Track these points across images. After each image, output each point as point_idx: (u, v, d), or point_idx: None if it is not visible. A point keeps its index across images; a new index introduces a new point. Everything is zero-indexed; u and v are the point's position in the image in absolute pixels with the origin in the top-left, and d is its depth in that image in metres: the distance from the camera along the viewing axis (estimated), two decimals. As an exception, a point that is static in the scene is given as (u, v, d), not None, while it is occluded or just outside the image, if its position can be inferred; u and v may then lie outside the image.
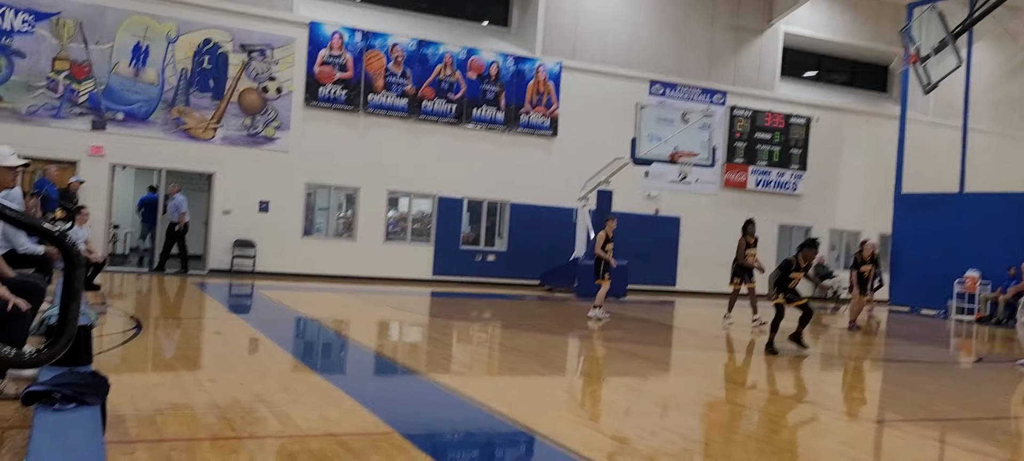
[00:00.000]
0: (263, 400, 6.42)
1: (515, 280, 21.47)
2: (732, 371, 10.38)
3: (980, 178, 21.46)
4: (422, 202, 21.51)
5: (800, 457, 6.09)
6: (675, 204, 23.35)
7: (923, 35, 21.74)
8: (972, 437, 7.01)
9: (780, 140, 24.89)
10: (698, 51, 23.92)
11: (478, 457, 5.66)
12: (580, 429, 6.51)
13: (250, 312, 14.19)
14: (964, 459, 6.22)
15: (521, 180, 21.83)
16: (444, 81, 21.16)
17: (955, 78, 21.30)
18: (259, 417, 5.95)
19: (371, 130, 20.60)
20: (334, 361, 9.68)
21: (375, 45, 20.47)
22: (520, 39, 22.60)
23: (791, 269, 11.02)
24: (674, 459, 5.61)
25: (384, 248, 20.89)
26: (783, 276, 11.01)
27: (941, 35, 21.17)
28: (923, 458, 6.35)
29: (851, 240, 25.60)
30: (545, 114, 22.15)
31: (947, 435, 6.97)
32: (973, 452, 6.42)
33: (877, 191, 24.35)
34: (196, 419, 5.69)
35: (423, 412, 6.81)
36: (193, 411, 5.88)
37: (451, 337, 11.67)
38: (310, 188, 20.34)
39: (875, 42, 25.95)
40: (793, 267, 11.03)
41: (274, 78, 19.55)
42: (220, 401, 6.22)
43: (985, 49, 23.72)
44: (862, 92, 26.91)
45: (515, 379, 8.60)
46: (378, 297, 16.44)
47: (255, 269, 19.24)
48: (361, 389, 7.65)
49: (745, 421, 7.24)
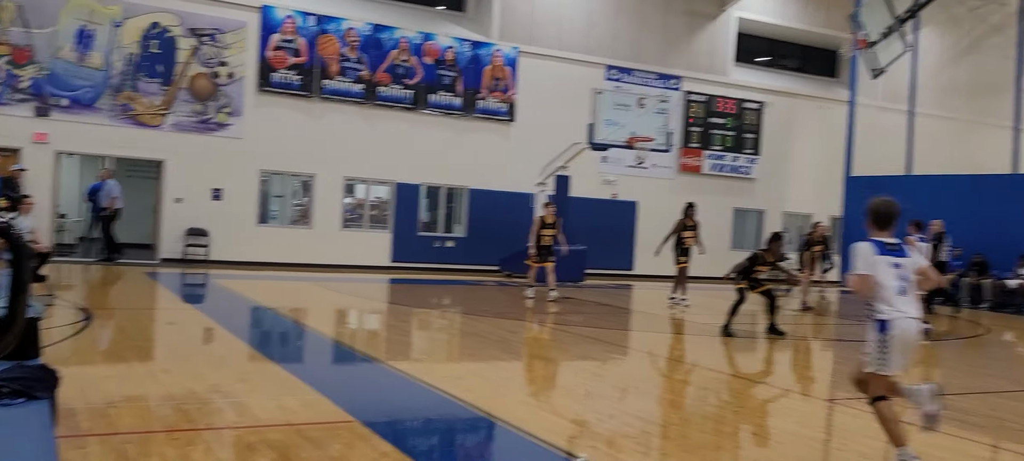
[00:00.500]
0: (219, 391, 6.34)
1: (474, 266, 21.45)
2: (689, 353, 10.51)
3: (927, 161, 22.00)
4: (379, 188, 21.34)
5: (756, 437, 6.20)
6: (632, 189, 23.52)
7: (871, 21, 22.19)
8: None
9: (734, 125, 25.19)
10: (653, 36, 24.06)
11: (439, 444, 5.66)
12: (540, 413, 6.54)
13: (204, 301, 13.97)
14: (910, 434, 6.39)
15: (479, 165, 21.78)
16: (400, 66, 20.98)
17: (902, 63, 21.79)
18: (216, 408, 5.87)
19: (326, 116, 20.36)
20: (292, 350, 9.58)
21: (329, 29, 20.20)
22: (476, 24, 22.50)
23: (758, 262, 11.23)
24: (633, 441, 5.67)
25: (341, 235, 20.71)
26: (749, 267, 11.21)
27: (889, 21, 21.64)
28: (874, 435, 6.51)
29: (803, 223, 26.05)
30: (502, 99, 22.11)
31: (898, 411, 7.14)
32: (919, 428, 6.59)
33: (828, 174, 24.82)
34: (150, 411, 5.59)
35: (383, 400, 6.78)
36: (147, 403, 5.78)
37: (411, 324, 11.64)
38: (264, 175, 20.05)
39: (825, 28, 26.36)
40: (760, 261, 11.24)
41: (225, 63, 19.20)
42: (175, 392, 6.12)
43: (931, 35, 24.26)
44: (813, 77, 27.34)
45: (475, 365, 8.60)
46: (336, 285, 16.31)
47: (209, 258, 18.93)
48: (320, 378, 7.59)
49: (702, 403, 7.35)
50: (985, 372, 10.04)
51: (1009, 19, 22.17)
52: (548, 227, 14.97)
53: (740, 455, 5.53)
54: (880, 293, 5.15)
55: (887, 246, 5.26)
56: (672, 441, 5.81)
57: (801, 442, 5.95)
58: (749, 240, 24.08)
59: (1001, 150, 20.37)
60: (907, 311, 5.16)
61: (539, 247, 14.95)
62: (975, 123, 23.85)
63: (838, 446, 6.13)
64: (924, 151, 22.25)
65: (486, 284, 18.39)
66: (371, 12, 21.00)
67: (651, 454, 5.44)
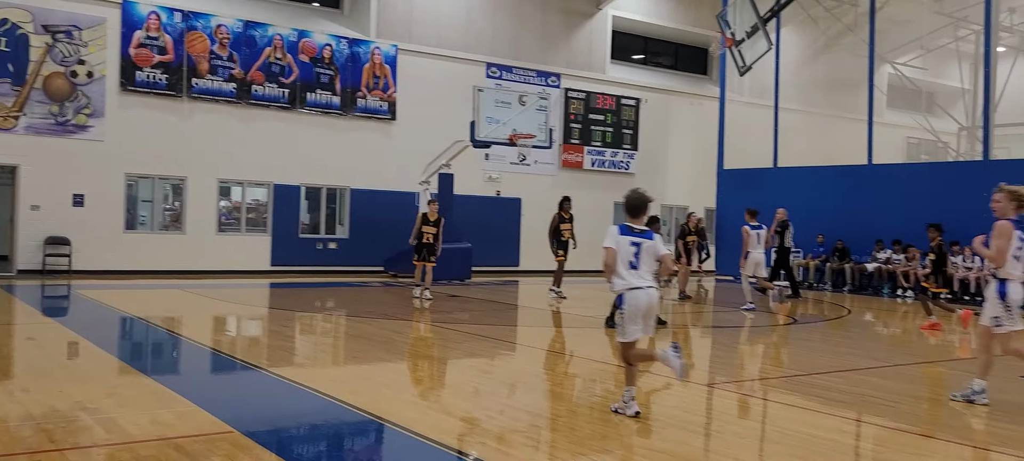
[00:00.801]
0: (86, 408, 5.97)
1: (359, 267, 21.10)
2: (575, 345, 10.68)
3: (791, 153, 23.19)
4: (256, 190, 20.67)
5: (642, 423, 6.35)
6: (515, 185, 23.72)
7: (737, 20, 23.20)
8: (789, 392, 7.58)
9: (612, 121, 25.80)
10: (532, 34, 24.33)
11: (326, 449, 5.51)
12: (429, 413, 6.49)
13: (68, 314, 13.15)
14: (782, 413, 6.71)
15: (361, 165, 21.44)
16: (274, 64, 20.38)
17: (767, 60, 22.88)
18: (82, 426, 5.52)
19: (197, 116, 19.55)
20: (165, 361, 9.14)
21: (197, 26, 19.40)
22: (353, 21, 22.13)
23: None
24: (522, 436, 5.70)
25: (217, 240, 19.93)
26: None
27: (753, 20, 22.66)
28: (748, 415, 6.80)
29: (680, 215, 26.98)
30: (383, 98, 21.83)
31: (768, 393, 7.49)
32: (789, 407, 6.93)
33: (702, 167, 25.79)
34: (9, 433, 5.21)
35: (265, 408, 6.56)
36: (5, 424, 5.37)
37: (293, 329, 11.32)
38: (131, 179, 19.06)
39: (696, 27, 27.37)
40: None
41: (84, 61, 18.13)
42: (36, 412, 5.72)
43: (792, 33, 25.57)
44: (686, 74, 28.35)
45: (361, 367, 8.45)
46: (212, 291, 15.68)
47: (71, 268, 17.84)
48: (197, 389, 7.27)
49: (588, 393, 7.47)
50: (848, 351, 10.66)
51: (861, 19, 23.66)
52: (430, 225, 14.75)
53: (626, 442, 5.65)
54: (618, 268, 6.07)
55: (631, 229, 6.17)
56: (561, 433, 5.88)
57: (682, 426, 6.14)
58: (629, 233, 24.66)
59: (857, 142, 21.71)
60: (639, 284, 6.07)
61: (420, 244, 14.68)
62: (834, 117, 25.32)
63: (717, 428, 6.35)
64: (789, 144, 23.45)
65: (371, 285, 18.13)
66: (242, 8, 20.30)
67: (541, 447, 5.48)
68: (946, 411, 6.90)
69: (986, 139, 19.35)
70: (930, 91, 27.86)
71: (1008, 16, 25.82)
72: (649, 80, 26.94)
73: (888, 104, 28.32)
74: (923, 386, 8.26)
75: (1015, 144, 25.90)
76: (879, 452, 5.74)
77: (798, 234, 21.39)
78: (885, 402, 7.18)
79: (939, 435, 6.13)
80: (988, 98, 19.34)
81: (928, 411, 7.22)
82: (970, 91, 26.64)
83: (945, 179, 19.76)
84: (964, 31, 26.14)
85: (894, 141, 27.90)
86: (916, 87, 26.36)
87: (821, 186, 21.88)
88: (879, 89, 24.83)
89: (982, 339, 6.91)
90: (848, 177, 21.41)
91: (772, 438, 5.86)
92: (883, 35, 23.76)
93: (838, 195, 21.45)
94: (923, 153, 29.20)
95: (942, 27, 25.93)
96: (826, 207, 21.54)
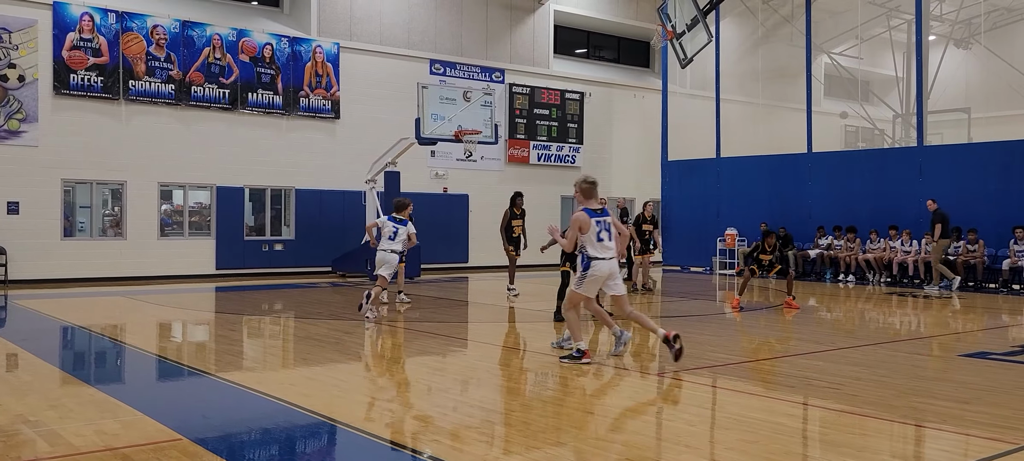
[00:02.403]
0: (27, 420, 5.80)
1: (306, 268, 20.87)
2: (526, 340, 10.73)
3: (734, 143, 23.61)
4: (199, 193, 20.27)
5: (594, 415, 6.42)
6: (462, 182, 23.68)
7: (677, 13, 23.52)
8: (739, 379, 7.74)
9: (557, 115, 25.94)
10: (476, 30, 24.31)
11: (278, 453, 5.45)
12: (382, 413, 6.46)
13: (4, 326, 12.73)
14: (732, 400, 6.85)
15: (305, 165, 21.19)
16: (214, 64, 20.01)
17: (707, 53, 23.24)
18: (24, 439, 5.36)
19: (135, 119, 19.09)
20: (109, 370, 8.92)
21: (132, 27, 18.94)
22: (293, 20, 21.84)
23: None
24: (476, 431, 5.72)
25: (159, 245, 19.51)
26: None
27: (693, 13, 23.00)
28: (699, 402, 6.92)
29: (627, 207, 27.24)
30: (326, 97, 21.60)
31: (718, 380, 7.63)
32: (740, 393, 7.08)
33: (647, 160, 26.10)
34: (-55, 452, 5.03)
35: (214, 414, 6.46)
36: (-60, 443, 5.19)
37: (241, 333, 11.14)
38: (67, 185, 18.54)
39: (637, 20, 27.65)
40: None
41: (15, 65, 17.56)
42: (-26, 428, 5.54)
43: (731, 25, 26.00)
44: (628, 67, 28.62)
45: (311, 369, 8.37)
46: (156, 297, 15.34)
47: (7, 278, 17.28)
48: (142, 397, 7.12)
49: (540, 386, 7.52)
50: (793, 336, 10.91)
51: (798, 10, 24.18)
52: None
53: (579, 435, 5.71)
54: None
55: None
56: (514, 428, 5.91)
57: (634, 416, 6.22)
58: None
59: (797, 131, 22.18)
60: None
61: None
62: (773, 107, 25.83)
63: (668, 417, 6.46)
64: (731, 134, 23.86)
65: (319, 286, 17.94)
66: (178, 8, 19.88)
67: (495, 442, 5.50)
68: (889, 392, 7.11)
69: (920, 125, 19.97)
70: (866, 79, 28.61)
71: (938, 5, 26.67)
72: (592, 74, 27.14)
73: (826, 93, 29.02)
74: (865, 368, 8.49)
75: (947, 129, 26.80)
76: (825, 433, 5.90)
77: (741, 222, 21.84)
78: (829, 385, 7.37)
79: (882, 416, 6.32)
80: (921, 86, 19.94)
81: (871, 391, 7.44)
82: (904, 79, 27.44)
83: (882, 165, 20.33)
84: (897, 21, 26.90)
85: (833, 129, 28.60)
86: (852, 76, 27.06)
87: (763, 175, 22.32)
88: (817, 78, 25.41)
89: (571, 300, 8.43)
90: (788, 166, 21.88)
91: (722, 424, 5.97)
92: (819, 25, 24.31)
93: (780, 183, 21.91)
94: (860, 140, 29.98)
95: (876, 17, 26.64)
96: (768, 195, 22.00)
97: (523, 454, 5.17)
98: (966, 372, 8.19)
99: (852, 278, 19.60)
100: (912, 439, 5.80)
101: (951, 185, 18.33)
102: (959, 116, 27.18)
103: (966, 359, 8.86)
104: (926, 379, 7.99)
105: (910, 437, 5.84)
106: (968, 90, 28.53)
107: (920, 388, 7.18)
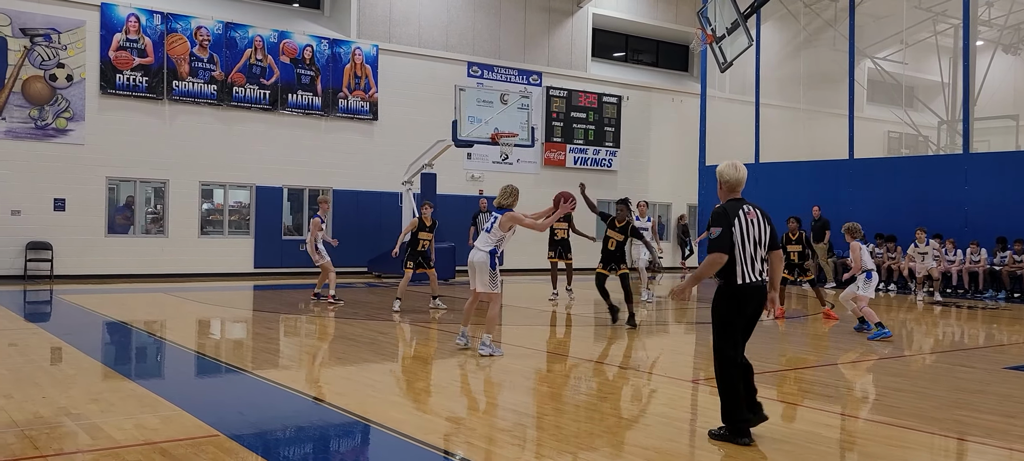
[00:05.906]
0: (70, 413, 5.93)
1: (342, 268, 20.94)
2: (559, 344, 10.70)
3: (773, 149, 23.33)
4: (239, 192, 20.56)
5: (626, 421, 6.38)
6: (498, 184, 23.51)
7: (718, 16, 23.29)
8: (770, 387, 7.63)
9: (594, 119, 25.85)
10: (513, 33, 24.34)
11: (312, 451, 5.50)
12: (415, 414, 6.49)
13: (50, 320, 13.03)
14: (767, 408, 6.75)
15: (343, 166, 21.38)
16: (255, 66, 20.28)
17: (747, 57, 22.99)
18: (67, 432, 5.48)
19: (178, 119, 19.42)
20: (150, 365, 9.08)
21: (177, 28, 19.27)
22: (334, 22, 22.05)
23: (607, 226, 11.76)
24: (508, 434, 5.71)
25: (199, 243, 19.82)
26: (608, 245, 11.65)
27: (734, 16, 22.76)
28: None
29: (664, 212, 27.10)
30: (364, 98, 21.77)
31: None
32: (768, 400, 6.99)
33: (684, 164, 25.89)
34: (-9, 442, 5.16)
35: (251, 411, 6.54)
36: (-14, 434, 5.32)
37: (277, 331, 11.27)
38: (112, 182, 18.92)
39: (676, 23, 27.46)
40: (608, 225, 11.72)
41: (63, 65, 17.97)
42: (19, 418, 5.67)
43: (772, 29, 25.72)
44: (667, 71, 28.44)
45: (346, 369, 8.43)
46: (196, 294, 15.58)
47: (53, 273, 17.69)
48: (181, 393, 7.23)
49: (573, 391, 7.49)
50: (829, 345, 10.74)
51: (841, 14, 23.82)
52: (426, 230, 13.53)
53: (612, 440, 5.67)
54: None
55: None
56: (546, 431, 5.89)
57: (669, 424, 6.17)
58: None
59: (838, 137, 21.85)
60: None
61: (415, 252, 13.39)
62: (814, 112, 25.48)
63: (702, 424, 6.39)
64: (770, 139, 23.58)
65: (355, 286, 18.08)
66: (222, 10, 20.19)
67: (527, 446, 5.49)
68: (930, 404, 6.96)
69: (966, 132, 19.55)
70: (910, 85, 28.10)
71: (986, 10, 26.09)
72: (630, 77, 27.00)
73: (868, 99, 28.54)
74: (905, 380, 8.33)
75: (994, 137, 26.19)
76: (864, 445, 5.79)
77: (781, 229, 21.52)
78: (867, 396, 7.24)
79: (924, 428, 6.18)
80: (967, 92, 19.53)
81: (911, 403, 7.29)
82: (949, 85, 26.89)
83: (926, 172, 19.93)
84: (943, 25, 26.37)
85: (875, 135, 28.13)
86: (896, 81, 26.58)
87: (803, 181, 22.02)
88: (859, 84, 25.01)
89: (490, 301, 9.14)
90: (830, 172, 21.55)
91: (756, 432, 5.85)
92: (863, 30, 23.94)
93: (820, 190, 21.60)
94: (904, 147, 29.45)
95: (921, 22, 26.14)
96: (808, 202, 21.69)
97: (554, 458, 5.15)
98: (1012, 385, 8.00)
99: (893, 287, 19.23)
100: (954, 453, 5.67)
101: (997, 193, 17.91)
102: (1007, 123, 26.53)
103: (1012, 372, 8.65)
104: (969, 391, 7.82)
105: (952, 451, 5.72)
106: (1016, 96, 27.85)
107: (963, 401, 7.02)
